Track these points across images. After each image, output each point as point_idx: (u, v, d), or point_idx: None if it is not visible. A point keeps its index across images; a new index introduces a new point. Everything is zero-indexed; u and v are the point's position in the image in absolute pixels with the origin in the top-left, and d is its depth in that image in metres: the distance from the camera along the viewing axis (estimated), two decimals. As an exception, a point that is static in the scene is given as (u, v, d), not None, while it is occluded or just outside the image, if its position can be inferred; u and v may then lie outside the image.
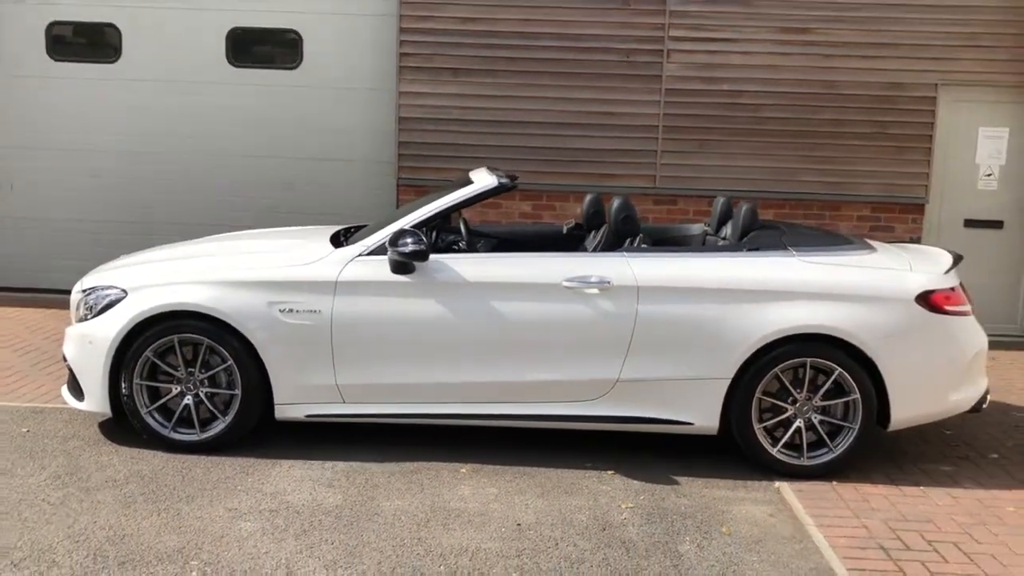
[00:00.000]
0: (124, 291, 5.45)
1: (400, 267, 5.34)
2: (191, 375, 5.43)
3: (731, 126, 8.79)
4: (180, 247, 6.37)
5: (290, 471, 5.20)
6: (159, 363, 5.41)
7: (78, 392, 5.54)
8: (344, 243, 5.73)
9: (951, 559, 4.46)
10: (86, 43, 9.20)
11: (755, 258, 5.49)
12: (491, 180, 5.73)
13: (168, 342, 5.37)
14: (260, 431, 5.59)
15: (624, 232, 5.91)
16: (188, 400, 5.43)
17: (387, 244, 5.33)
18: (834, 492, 5.19)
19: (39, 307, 8.89)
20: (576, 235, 6.65)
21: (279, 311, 5.34)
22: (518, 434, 5.78)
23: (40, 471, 5.09)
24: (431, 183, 8.41)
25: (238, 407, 5.39)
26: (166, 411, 5.46)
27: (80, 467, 5.16)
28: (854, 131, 8.77)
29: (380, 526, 4.57)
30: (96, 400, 5.44)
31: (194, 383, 5.43)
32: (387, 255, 5.34)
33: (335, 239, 5.94)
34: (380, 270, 5.38)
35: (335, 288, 5.37)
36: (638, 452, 5.65)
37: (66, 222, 9.26)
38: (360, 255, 5.47)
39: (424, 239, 5.32)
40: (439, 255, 5.46)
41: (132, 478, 5.03)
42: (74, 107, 9.13)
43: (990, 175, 8.92)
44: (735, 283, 5.34)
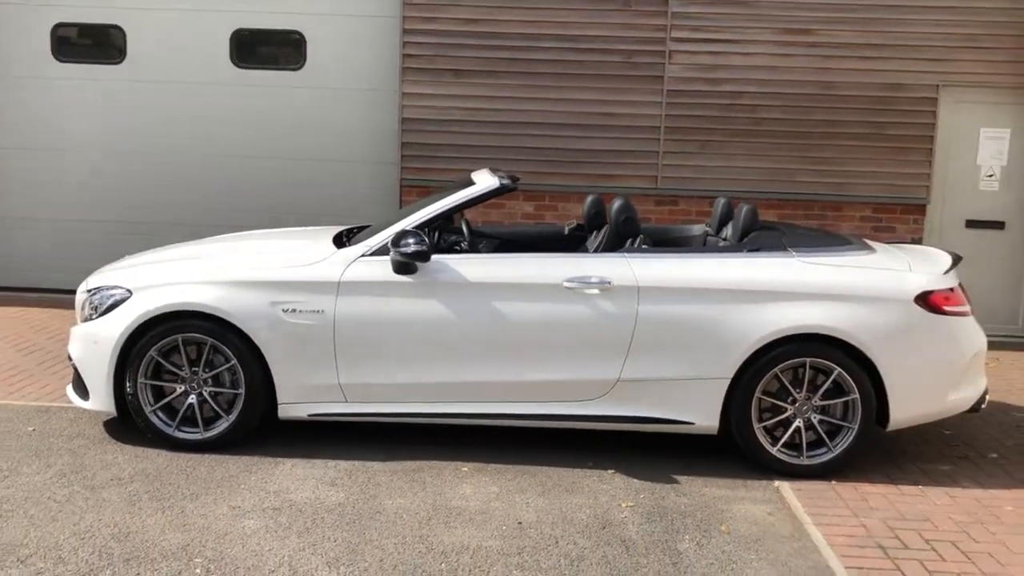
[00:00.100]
0: (129, 291, 5.49)
1: (402, 267, 5.38)
2: (195, 374, 5.47)
3: (733, 127, 8.81)
4: (184, 247, 6.41)
5: (293, 470, 5.24)
6: (163, 362, 5.44)
7: (83, 391, 5.58)
8: (347, 244, 5.76)
9: (949, 558, 4.48)
10: (91, 44, 9.23)
11: (755, 259, 5.52)
12: (493, 181, 5.76)
13: (172, 342, 5.41)
14: (263, 430, 5.62)
15: (625, 233, 5.94)
16: (192, 399, 5.47)
17: (389, 245, 5.37)
18: (833, 491, 5.21)
19: (43, 307, 8.92)
20: (577, 236, 6.68)
21: (282, 311, 5.37)
22: (520, 433, 5.81)
23: (46, 469, 5.13)
24: (434, 184, 8.45)
25: (241, 406, 5.43)
26: (170, 410, 5.49)
27: (85, 465, 5.20)
28: (854, 132, 8.78)
29: (382, 524, 4.60)
30: (101, 399, 5.48)
31: (198, 382, 5.47)
32: (389, 256, 5.37)
33: (338, 240, 5.98)
34: (383, 270, 5.41)
35: (338, 288, 5.40)
36: (638, 451, 5.68)
37: (68, 222, 9.29)
38: (363, 255, 5.50)
39: (426, 240, 5.35)
40: (441, 256, 5.49)
41: (137, 476, 5.07)
42: (79, 108, 9.16)
43: (991, 176, 8.93)
44: (735, 283, 5.37)
